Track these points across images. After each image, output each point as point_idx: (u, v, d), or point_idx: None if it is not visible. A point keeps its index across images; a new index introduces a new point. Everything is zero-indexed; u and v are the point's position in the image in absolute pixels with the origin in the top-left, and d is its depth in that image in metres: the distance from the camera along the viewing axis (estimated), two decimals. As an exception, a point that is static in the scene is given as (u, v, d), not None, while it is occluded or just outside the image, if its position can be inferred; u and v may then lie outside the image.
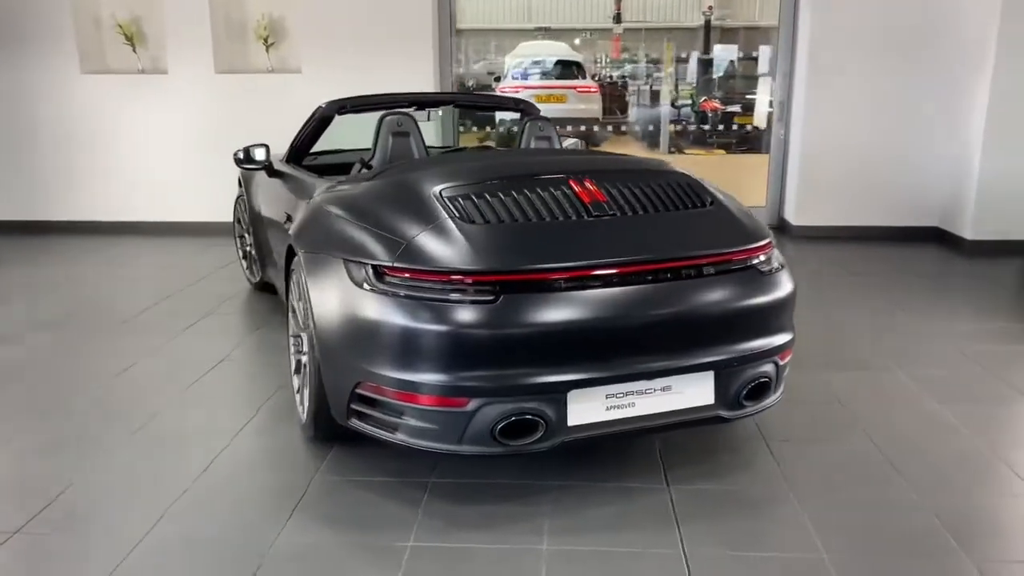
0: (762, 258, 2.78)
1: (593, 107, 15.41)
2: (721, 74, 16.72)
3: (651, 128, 15.40)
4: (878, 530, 2.53)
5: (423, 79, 6.87)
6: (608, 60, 19.44)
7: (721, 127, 14.72)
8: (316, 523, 2.58)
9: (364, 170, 3.72)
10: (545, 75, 15.50)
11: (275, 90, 7.02)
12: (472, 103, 4.73)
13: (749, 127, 13.74)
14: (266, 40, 7.10)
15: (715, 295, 2.61)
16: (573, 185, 2.83)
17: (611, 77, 17.94)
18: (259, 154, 4.33)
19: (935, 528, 2.53)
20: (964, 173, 6.41)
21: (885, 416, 3.34)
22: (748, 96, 15.20)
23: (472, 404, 2.44)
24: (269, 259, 4.58)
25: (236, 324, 4.63)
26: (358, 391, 2.64)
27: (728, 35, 18.58)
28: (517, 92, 13.14)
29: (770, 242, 2.83)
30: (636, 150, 13.82)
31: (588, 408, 2.51)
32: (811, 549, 2.42)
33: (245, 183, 4.98)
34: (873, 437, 3.14)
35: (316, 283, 2.79)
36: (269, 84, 7.05)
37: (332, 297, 2.70)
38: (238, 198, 5.34)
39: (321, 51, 6.90)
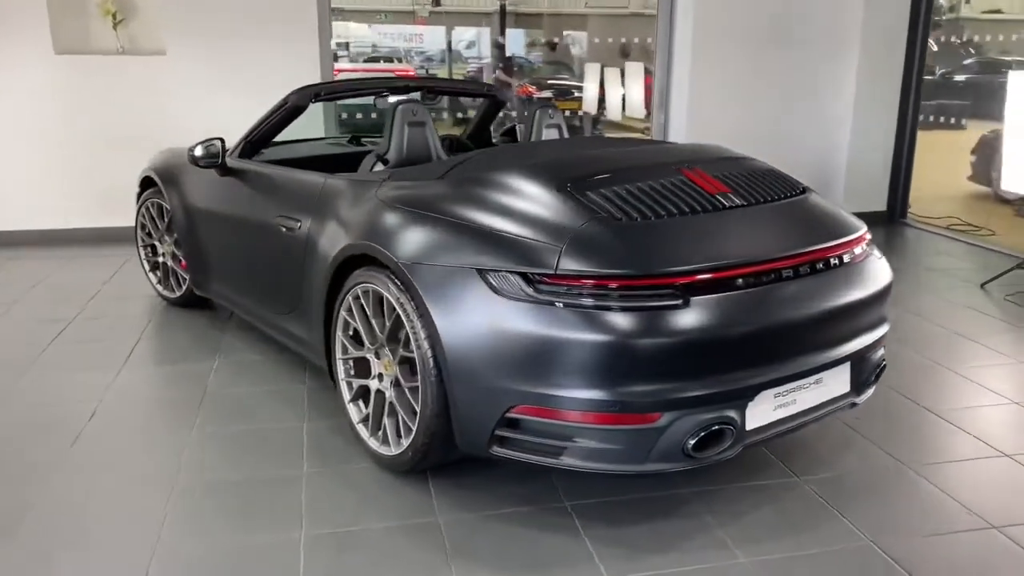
0: (866, 246, 2.81)
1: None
2: (528, 59, 17.02)
3: (463, 115, 15.35)
4: (1018, 497, 2.66)
5: (308, 64, 6.32)
6: (411, 44, 19.11)
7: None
8: (488, 570, 2.26)
9: (380, 164, 3.32)
10: (358, 58, 14.95)
11: (133, 74, 6.12)
12: (445, 88, 4.38)
13: (568, 112, 14.09)
14: (114, 16, 6.16)
15: (855, 283, 2.60)
16: (688, 175, 2.69)
17: (418, 61, 17.67)
18: (216, 149, 3.74)
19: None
20: (835, 150, 6.98)
21: (922, 387, 3.54)
22: (559, 81, 15.60)
23: (664, 419, 2.25)
24: (217, 269, 3.97)
25: (182, 350, 3.97)
26: (509, 415, 2.34)
27: (525, 20, 18.92)
28: (335, 75, 12.53)
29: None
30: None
31: (762, 410, 2.41)
32: (977, 523, 2.50)
33: (168, 182, 4.26)
34: (929, 407, 3.31)
35: (439, 298, 2.43)
36: (125, 67, 6.12)
37: (469, 313, 2.37)
38: (145, 201, 4.57)
39: (188, 31, 6.11)
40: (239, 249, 3.71)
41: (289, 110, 3.69)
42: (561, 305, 2.25)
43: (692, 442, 2.28)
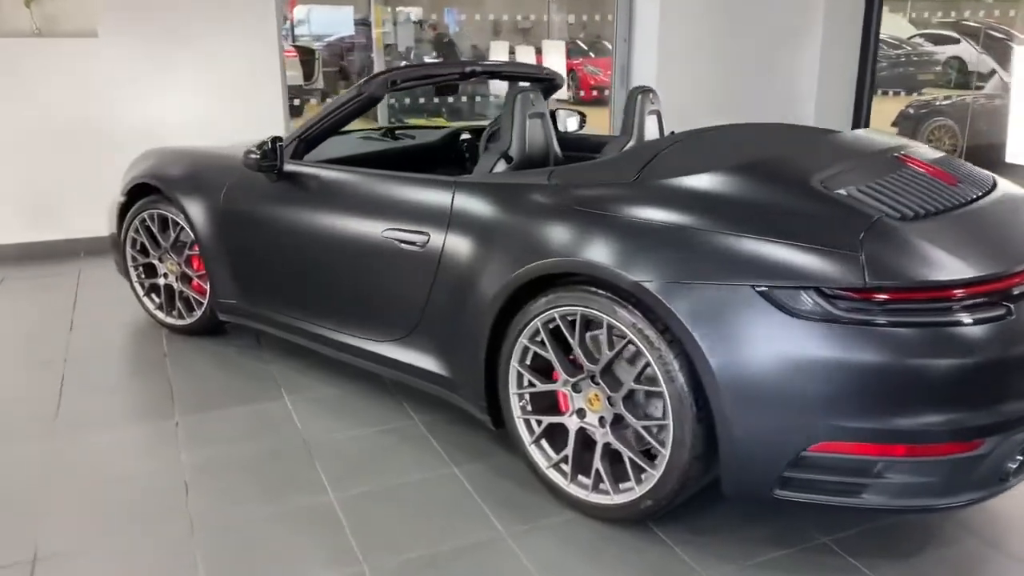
0: None
1: (293, 73, 14.17)
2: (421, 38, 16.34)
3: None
4: None
5: (266, 50, 5.62)
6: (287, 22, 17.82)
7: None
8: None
9: (504, 160, 2.88)
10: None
11: (58, 60, 5.18)
12: (508, 72, 3.89)
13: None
14: (26, -8, 5.21)
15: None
16: (910, 163, 2.46)
17: (294, 40, 16.57)
18: (277, 151, 3.15)
19: None
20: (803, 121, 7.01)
21: None
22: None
23: (987, 445, 2.01)
24: (272, 291, 3.36)
25: (233, 389, 3.33)
26: (806, 453, 2.03)
27: (399, -1, 18.14)
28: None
29: None
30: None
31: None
32: None
33: (181, 190, 3.56)
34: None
35: (705, 323, 2.06)
36: (46, 52, 5.18)
37: (750, 338, 2.03)
38: (140, 213, 3.82)
39: (123, 9, 5.24)
40: (317, 267, 3.12)
41: (363, 102, 3.15)
42: (871, 324, 1.96)
43: (1013, 466, 2.06)
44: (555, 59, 10.33)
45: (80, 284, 4.72)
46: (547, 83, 3.94)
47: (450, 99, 12.18)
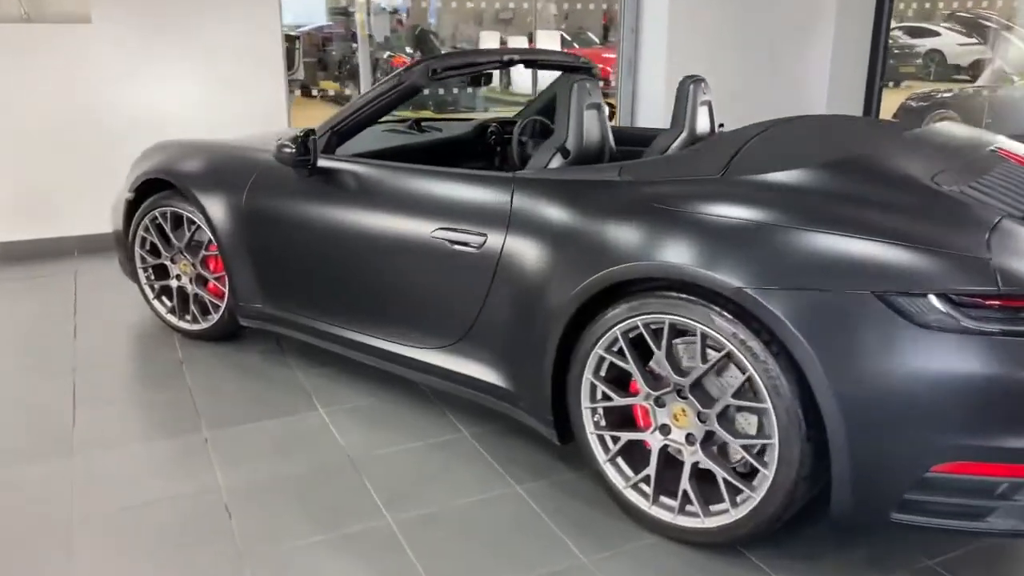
0: None
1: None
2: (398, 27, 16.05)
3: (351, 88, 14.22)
4: None
5: (268, 39, 5.37)
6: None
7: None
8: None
9: (561, 155, 2.69)
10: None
11: (48, 48, 4.88)
12: (546, 61, 3.70)
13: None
14: (14, -26, 4.90)
15: None
16: (1012, 159, 2.32)
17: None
18: (311, 144, 2.92)
19: None
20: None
21: None
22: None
23: (1125, 462, 1.86)
24: (301, 294, 3.14)
25: (260, 399, 3.11)
26: (929, 474, 1.87)
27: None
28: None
29: None
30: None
31: None
32: None
33: (198, 186, 3.32)
34: None
35: (820, 334, 1.89)
36: (36, 39, 4.87)
37: (871, 351, 1.86)
38: (150, 211, 3.57)
39: (119, -7, 4.97)
40: (356, 270, 2.91)
41: (404, 91, 2.94)
42: (1007, 332, 1.80)
43: None
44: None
45: (78, 285, 4.46)
46: (584, 73, 3.75)
47: (440, 91, 11.90)
